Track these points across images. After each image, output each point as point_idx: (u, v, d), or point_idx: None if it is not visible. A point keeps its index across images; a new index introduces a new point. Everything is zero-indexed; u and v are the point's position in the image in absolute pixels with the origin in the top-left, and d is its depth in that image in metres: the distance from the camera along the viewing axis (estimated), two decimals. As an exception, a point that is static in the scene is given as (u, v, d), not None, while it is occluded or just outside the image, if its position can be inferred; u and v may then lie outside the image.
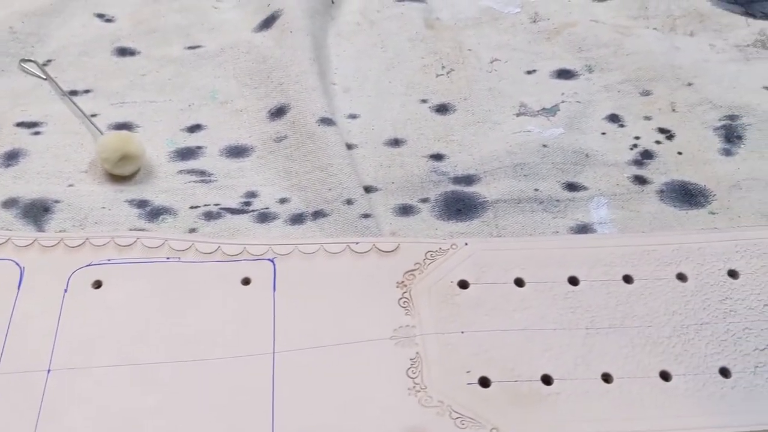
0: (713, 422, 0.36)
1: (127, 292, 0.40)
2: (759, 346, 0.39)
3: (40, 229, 0.44)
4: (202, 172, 0.48)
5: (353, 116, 0.52)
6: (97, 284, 0.40)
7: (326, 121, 0.49)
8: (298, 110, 0.49)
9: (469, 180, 0.48)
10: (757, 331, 0.40)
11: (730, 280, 0.42)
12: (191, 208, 0.45)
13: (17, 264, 0.41)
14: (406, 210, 0.46)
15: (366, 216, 0.44)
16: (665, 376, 0.38)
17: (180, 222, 0.45)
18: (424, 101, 0.53)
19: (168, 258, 0.42)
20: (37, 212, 0.44)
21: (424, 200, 0.47)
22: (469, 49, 0.57)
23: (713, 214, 0.46)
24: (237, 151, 0.49)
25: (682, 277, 0.42)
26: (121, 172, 0.46)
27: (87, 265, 0.41)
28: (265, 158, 0.48)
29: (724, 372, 0.38)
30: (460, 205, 0.46)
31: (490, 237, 0.44)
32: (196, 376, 0.37)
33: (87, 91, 0.52)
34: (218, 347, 0.38)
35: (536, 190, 0.47)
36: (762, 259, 0.42)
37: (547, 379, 0.37)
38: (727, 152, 0.50)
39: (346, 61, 0.56)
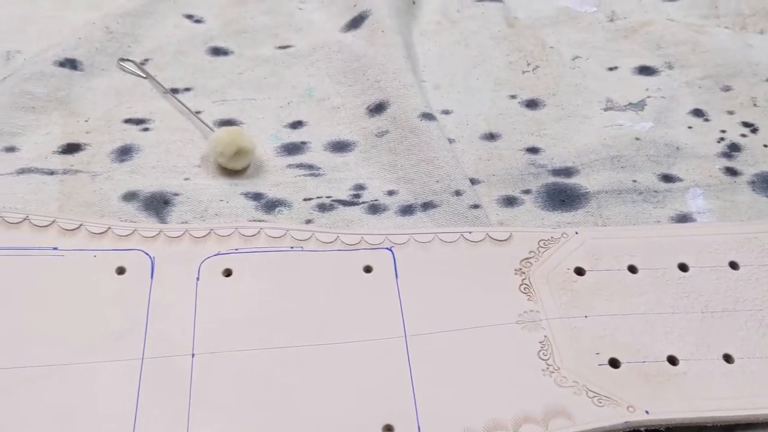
0: (833, 400, 0.38)
1: (257, 280, 0.42)
2: None
3: (162, 220, 0.45)
4: (310, 166, 0.49)
5: (446, 112, 0.53)
6: (227, 272, 0.42)
7: (427, 116, 0.50)
8: (398, 106, 0.51)
9: (568, 172, 0.49)
10: None
11: (832, 265, 0.43)
12: (305, 200, 0.47)
13: (147, 254, 0.42)
14: (510, 201, 0.48)
15: (475, 207, 0.46)
16: (783, 356, 0.39)
17: (295, 213, 0.46)
18: (513, 97, 0.55)
19: (292, 247, 0.43)
20: (158, 205, 0.46)
21: (526, 191, 0.48)
22: (551, 47, 0.59)
23: (806, 203, 0.48)
24: (340, 146, 0.51)
25: (785, 263, 0.43)
26: (234, 166, 0.48)
27: (215, 255, 0.42)
28: (369, 152, 0.50)
29: (838, 352, 0.40)
30: (563, 196, 0.48)
31: (596, 226, 0.46)
32: (335, 358, 0.39)
33: (187, 89, 0.54)
34: (352, 331, 0.40)
35: (634, 181, 0.48)
36: None
37: (672, 360, 0.39)
38: (811, 145, 0.52)
39: (433, 60, 0.58)
